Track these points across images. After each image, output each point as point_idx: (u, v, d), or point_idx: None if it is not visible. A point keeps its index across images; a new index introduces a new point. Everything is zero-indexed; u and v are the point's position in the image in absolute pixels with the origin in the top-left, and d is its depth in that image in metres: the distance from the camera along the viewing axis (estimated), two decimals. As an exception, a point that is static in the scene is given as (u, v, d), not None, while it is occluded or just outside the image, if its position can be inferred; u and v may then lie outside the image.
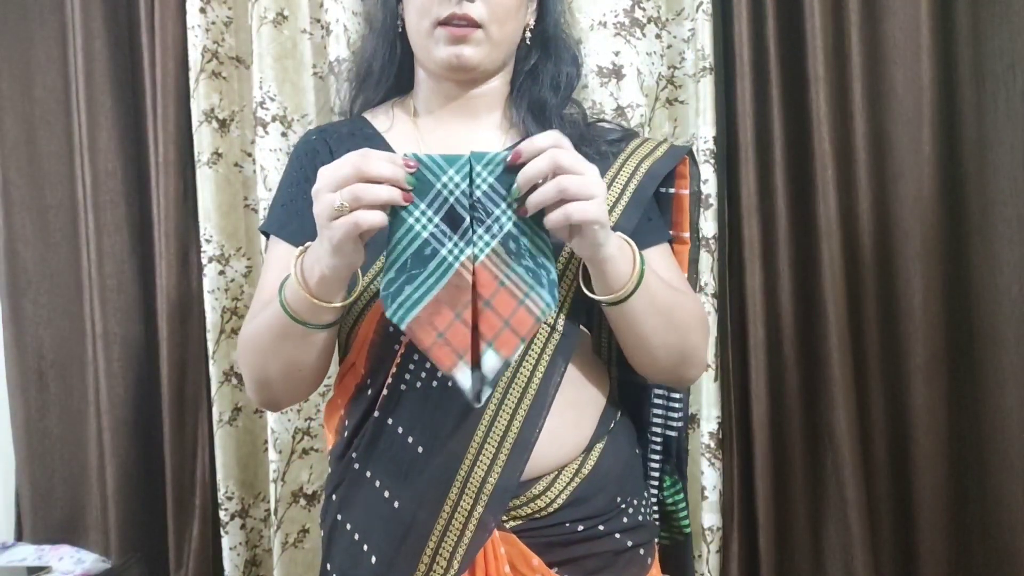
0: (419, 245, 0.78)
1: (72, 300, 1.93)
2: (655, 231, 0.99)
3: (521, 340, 0.79)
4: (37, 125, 1.91)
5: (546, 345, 0.90)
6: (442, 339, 0.78)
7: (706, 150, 1.61)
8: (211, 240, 1.78)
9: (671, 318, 0.90)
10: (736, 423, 1.67)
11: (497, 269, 0.79)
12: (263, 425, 1.85)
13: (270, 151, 1.74)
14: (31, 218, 1.92)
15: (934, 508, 1.54)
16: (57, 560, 1.67)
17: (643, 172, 0.96)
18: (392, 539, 0.88)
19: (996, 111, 1.49)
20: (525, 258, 0.79)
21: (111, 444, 1.86)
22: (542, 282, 0.79)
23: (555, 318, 0.90)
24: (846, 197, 1.57)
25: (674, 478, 1.05)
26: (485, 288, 0.78)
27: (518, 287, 0.79)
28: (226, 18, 1.82)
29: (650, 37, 1.66)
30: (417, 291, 0.78)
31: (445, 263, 0.78)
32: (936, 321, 1.52)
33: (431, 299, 0.77)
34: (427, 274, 0.78)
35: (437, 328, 0.78)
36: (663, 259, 0.99)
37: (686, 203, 1.03)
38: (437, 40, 0.94)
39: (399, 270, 0.78)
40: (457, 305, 0.78)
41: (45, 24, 1.91)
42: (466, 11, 0.92)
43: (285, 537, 1.79)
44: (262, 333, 0.89)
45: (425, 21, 0.94)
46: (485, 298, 0.78)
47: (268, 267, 0.98)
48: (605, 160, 0.96)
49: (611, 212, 0.93)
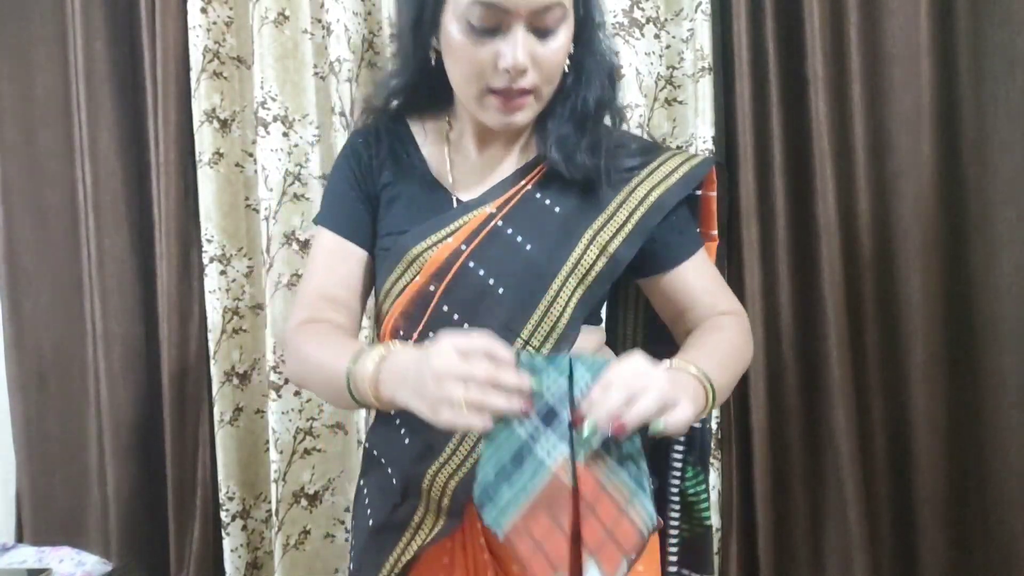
0: (518, 446, 0.75)
1: (72, 300, 1.93)
2: (688, 243, 1.01)
3: (624, 557, 0.75)
4: (37, 125, 1.92)
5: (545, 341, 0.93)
6: (539, 549, 0.74)
7: (705, 150, 1.61)
8: (212, 240, 1.78)
9: (736, 374, 0.95)
10: (735, 423, 1.66)
11: (600, 472, 0.75)
12: (264, 425, 1.85)
13: (271, 151, 1.74)
14: (31, 218, 1.92)
15: (933, 508, 1.54)
16: (58, 562, 1.67)
17: (651, 202, 0.96)
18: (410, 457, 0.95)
19: (996, 111, 1.49)
20: (627, 463, 0.76)
21: (112, 445, 1.86)
22: (645, 488, 0.76)
23: (540, 346, 0.92)
24: (845, 197, 1.57)
25: (696, 469, 1.02)
26: (589, 492, 0.74)
27: (621, 493, 0.75)
28: (227, 18, 1.82)
29: (649, 37, 1.67)
30: (514, 493, 0.74)
31: (540, 464, 0.74)
32: (936, 321, 1.52)
33: (528, 503, 0.74)
34: (524, 475, 0.74)
35: (534, 536, 0.74)
36: (701, 266, 1.01)
37: (714, 205, 1.06)
38: (487, 106, 0.92)
39: (498, 472, 0.74)
40: (555, 510, 0.74)
41: (45, 24, 1.91)
42: (521, 85, 0.90)
43: (286, 539, 1.79)
44: (315, 372, 0.93)
45: (474, 87, 0.92)
46: (589, 503, 0.74)
47: (315, 255, 1.03)
48: (616, 188, 0.97)
49: (613, 239, 0.94)
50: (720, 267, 1.62)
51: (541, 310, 0.92)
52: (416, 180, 1.00)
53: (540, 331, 0.91)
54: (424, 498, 0.94)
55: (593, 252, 0.93)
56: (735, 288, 1.65)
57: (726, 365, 0.91)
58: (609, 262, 0.94)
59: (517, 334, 0.91)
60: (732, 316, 1.00)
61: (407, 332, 0.96)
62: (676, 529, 1.00)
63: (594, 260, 0.93)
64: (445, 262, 0.94)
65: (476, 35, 0.88)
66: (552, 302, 0.92)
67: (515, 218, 0.95)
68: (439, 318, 0.93)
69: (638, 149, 1.02)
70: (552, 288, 0.92)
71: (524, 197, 0.96)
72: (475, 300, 0.93)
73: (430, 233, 0.95)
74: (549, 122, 0.97)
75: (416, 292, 0.95)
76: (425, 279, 0.94)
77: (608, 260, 0.94)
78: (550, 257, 0.93)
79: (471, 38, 0.88)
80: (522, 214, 0.95)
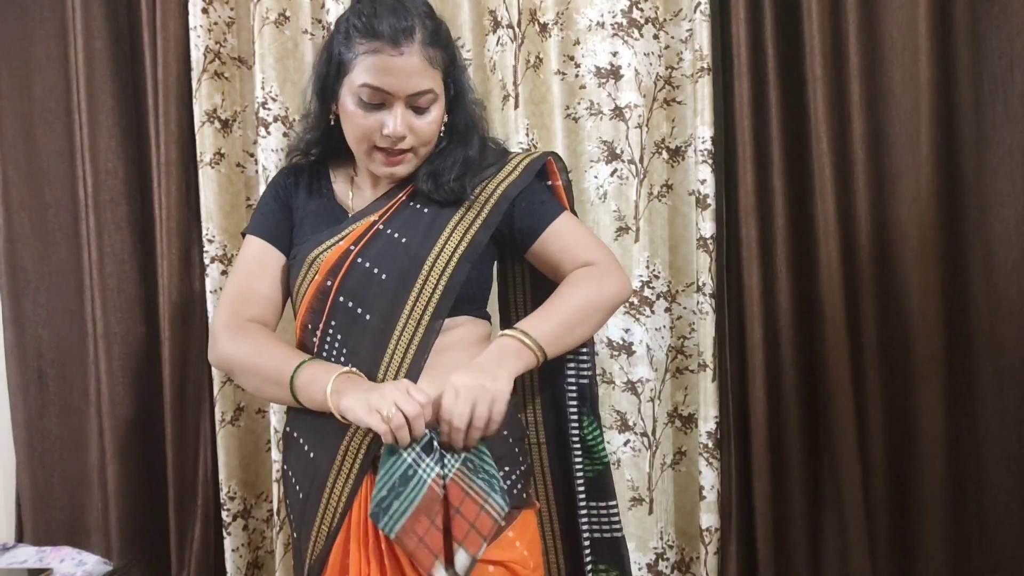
0: (404, 469, 1.02)
1: (73, 300, 1.93)
2: (541, 218, 1.21)
3: (483, 540, 1.03)
4: (36, 124, 1.92)
5: (413, 336, 1.13)
6: (422, 543, 1.01)
7: (704, 150, 1.61)
8: (213, 240, 1.78)
9: (587, 319, 1.17)
10: (734, 423, 1.67)
11: (463, 483, 1.04)
12: (265, 425, 1.86)
13: (272, 151, 1.74)
14: (31, 217, 1.92)
15: (932, 508, 1.54)
16: (58, 562, 1.67)
17: (498, 195, 1.20)
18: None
19: (995, 111, 1.50)
20: (480, 472, 1.05)
21: (112, 444, 1.87)
22: (495, 489, 1.05)
23: (420, 316, 1.14)
24: (844, 197, 1.58)
25: (590, 418, 1.26)
26: (455, 499, 1.03)
27: (479, 495, 1.04)
28: (228, 18, 1.83)
29: (648, 37, 1.67)
30: (402, 505, 1.01)
31: (421, 480, 1.02)
32: (934, 321, 1.52)
33: (412, 511, 1.01)
34: (408, 490, 1.02)
35: (418, 534, 1.01)
36: (562, 232, 1.22)
37: (561, 191, 1.28)
38: (374, 159, 1.17)
39: (389, 489, 1.02)
40: (432, 514, 1.02)
41: (45, 23, 1.92)
42: (400, 147, 1.14)
43: (287, 538, 1.79)
44: (256, 374, 1.15)
45: (364, 145, 1.16)
46: (455, 506, 1.03)
47: (244, 257, 1.25)
48: (472, 189, 1.20)
49: (471, 227, 1.17)
50: (720, 267, 1.65)
51: (417, 287, 1.13)
52: (323, 205, 1.25)
53: (419, 304, 1.13)
54: (336, 467, 1.13)
55: (455, 238, 1.16)
56: (733, 288, 1.67)
57: (564, 313, 1.15)
58: (469, 245, 1.16)
59: (400, 311, 1.13)
60: (590, 266, 1.20)
61: (314, 324, 1.17)
62: (580, 469, 1.25)
63: (456, 244, 1.16)
64: (338, 260, 1.15)
65: (365, 108, 1.13)
66: (425, 280, 1.14)
67: (394, 221, 1.18)
68: (336, 307, 1.15)
69: (494, 160, 1.23)
70: (424, 269, 1.14)
71: (400, 206, 1.20)
72: (364, 288, 1.14)
73: (324, 240, 1.18)
74: (426, 164, 1.20)
75: (317, 288, 1.16)
76: (323, 276, 1.16)
77: (468, 244, 1.16)
78: (421, 245, 1.15)
79: (361, 109, 1.13)
80: (399, 218, 1.18)
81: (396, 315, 1.13)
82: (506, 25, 1.69)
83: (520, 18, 1.69)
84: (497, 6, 1.70)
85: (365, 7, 1.14)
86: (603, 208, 1.69)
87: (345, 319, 1.15)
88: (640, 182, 1.69)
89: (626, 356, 1.70)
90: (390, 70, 1.10)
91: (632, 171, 1.69)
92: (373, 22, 1.11)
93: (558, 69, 1.68)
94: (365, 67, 1.11)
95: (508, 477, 1.14)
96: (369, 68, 1.11)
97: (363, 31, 1.11)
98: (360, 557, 1.09)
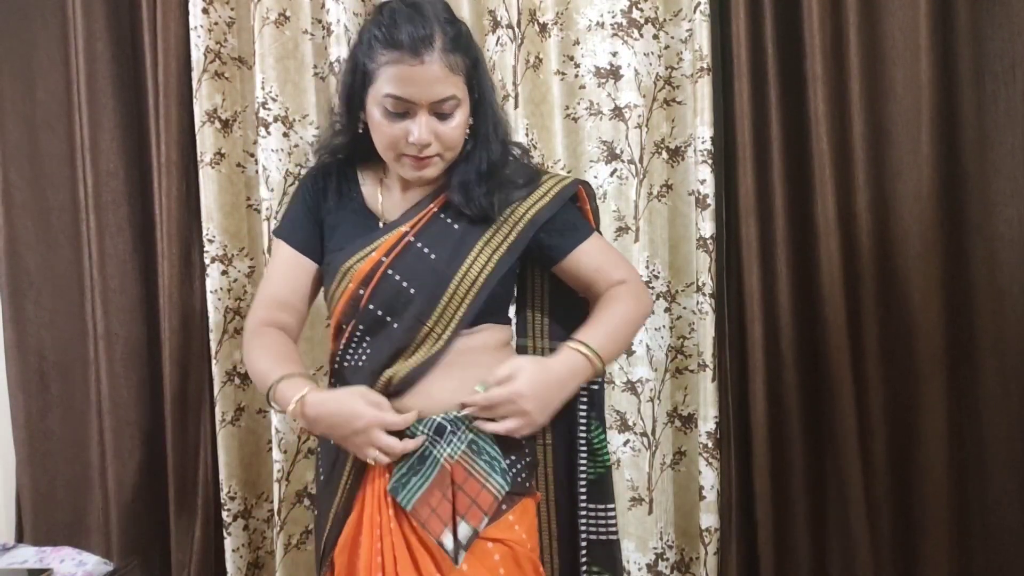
0: (421, 450, 1.15)
1: (74, 301, 1.94)
2: (570, 239, 1.26)
3: (484, 514, 1.13)
4: (39, 127, 1.92)
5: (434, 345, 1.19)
6: (434, 514, 1.13)
7: (704, 150, 1.61)
8: (214, 240, 1.78)
9: (632, 335, 1.28)
10: (734, 423, 1.67)
11: (467, 464, 1.15)
12: (266, 425, 1.86)
13: (272, 151, 1.74)
14: (33, 219, 1.93)
15: (935, 507, 1.54)
16: (58, 562, 1.66)
17: (527, 220, 1.23)
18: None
19: (996, 111, 1.50)
20: (483, 454, 1.16)
21: (113, 445, 1.87)
22: (496, 470, 1.16)
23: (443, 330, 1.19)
24: (844, 197, 1.57)
25: (597, 423, 1.31)
26: (459, 477, 1.15)
27: (481, 475, 1.15)
28: (228, 19, 1.83)
29: (648, 37, 1.67)
30: (419, 480, 1.14)
31: (435, 460, 1.15)
32: (936, 321, 1.52)
33: (428, 485, 1.14)
34: (424, 468, 1.15)
35: (431, 506, 1.13)
36: (590, 252, 1.26)
37: (589, 215, 1.31)
38: (403, 164, 1.20)
39: (408, 467, 1.15)
40: (443, 488, 1.14)
41: (47, 26, 1.92)
42: (426, 153, 1.17)
43: (288, 539, 1.79)
44: (254, 377, 1.23)
45: (391, 152, 1.19)
46: (459, 484, 1.14)
47: (275, 263, 1.31)
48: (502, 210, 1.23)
49: (497, 249, 1.21)
50: (719, 267, 1.65)
51: (443, 304, 1.18)
52: (354, 210, 1.28)
53: (443, 319, 1.18)
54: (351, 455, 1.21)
55: (482, 259, 1.20)
56: (733, 288, 1.67)
57: (616, 328, 1.23)
58: (496, 267, 1.20)
59: (425, 323, 1.18)
60: (624, 284, 1.26)
61: (345, 324, 1.24)
62: (584, 471, 1.30)
63: (483, 266, 1.20)
64: (370, 271, 1.19)
65: (390, 117, 1.15)
66: (451, 298, 1.18)
67: (424, 234, 1.21)
68: (366, 314, 1.20)
69: (524, 182, 1.26)
70: (450, 287, 1.18)
71: (432, 218, 1.23)
72: (393, 299, 1.19)
73: (357, 251, 1.21)
74: (455, 172, 1.23)
75: (349, 296, 1.21)
76: (355, 285, 1.20)
77: (495, 265, 1.20)
78: (448, 264, 1.19)
79: (387, 119, 1.16)
80: (429, 231, 1.22)
81: (420, 326, 1.18)
82: (506, 25, 1.69)
83: (520, 18, 1.69)
84: (497, 6, 1.70)
85: (384, 17, 1.15)
86: (603, 208, 1.69)
87: (373, 324, 1.20)
88: (640, 182, 1.69)
89: (626, 356, 1.70)
90: (412, 80, 1.12)
91: (632, 171, 1.69)
92: (392, 32, 1.12)
93: (558, 69, 1.68)
94: (387, 77, 1.13)
95: (514, 466, 1.20)
96: (391, 79, 1.12)
97: (383, 41, 1.13)
98: (371, 537, 1.16)
